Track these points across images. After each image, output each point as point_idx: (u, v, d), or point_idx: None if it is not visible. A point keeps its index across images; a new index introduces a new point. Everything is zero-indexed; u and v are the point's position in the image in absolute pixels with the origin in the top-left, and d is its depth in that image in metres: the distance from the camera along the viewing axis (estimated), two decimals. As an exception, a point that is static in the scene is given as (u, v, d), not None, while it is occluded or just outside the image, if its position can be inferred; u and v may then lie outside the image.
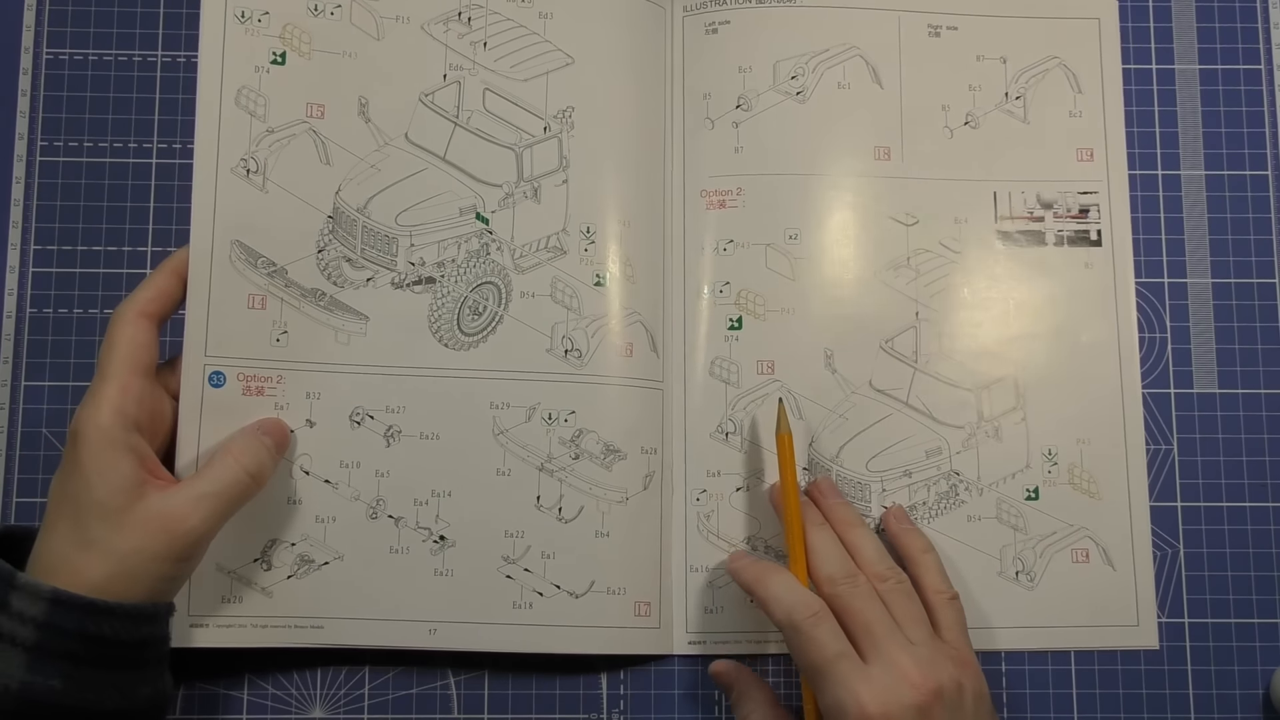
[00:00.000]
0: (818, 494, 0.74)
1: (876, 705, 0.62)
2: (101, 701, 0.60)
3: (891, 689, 0.62)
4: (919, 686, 0.63)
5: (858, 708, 0.62)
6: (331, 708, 0.74)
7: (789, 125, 0.79)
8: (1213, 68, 0.82)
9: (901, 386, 0.77)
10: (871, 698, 0.62)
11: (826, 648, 0.64)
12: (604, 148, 0.77)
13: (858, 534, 0.72)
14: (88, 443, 0.61)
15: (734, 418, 0.76)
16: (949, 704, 0.64)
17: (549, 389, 0.74)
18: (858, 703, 0.62)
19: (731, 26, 0.79)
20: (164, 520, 0.61)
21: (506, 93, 0.76)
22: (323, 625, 0.72)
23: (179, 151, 0.79)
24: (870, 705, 0.62)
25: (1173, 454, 0.78)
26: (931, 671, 0.64)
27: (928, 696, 0.63)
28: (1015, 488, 0.77)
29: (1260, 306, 0.80)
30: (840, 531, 0.72)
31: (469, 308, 0.74)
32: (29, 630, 0.58)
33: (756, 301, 0.77)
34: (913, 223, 0.78)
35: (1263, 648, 0.77)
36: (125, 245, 0.78)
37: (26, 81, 0.79)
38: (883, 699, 0.62)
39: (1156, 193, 0.81)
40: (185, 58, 0.80)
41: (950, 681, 0.64)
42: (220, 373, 0.70)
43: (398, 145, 0.74)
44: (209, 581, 0.71)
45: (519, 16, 0.77)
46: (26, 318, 0.77)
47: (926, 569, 0.72)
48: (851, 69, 0.79)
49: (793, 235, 0.77)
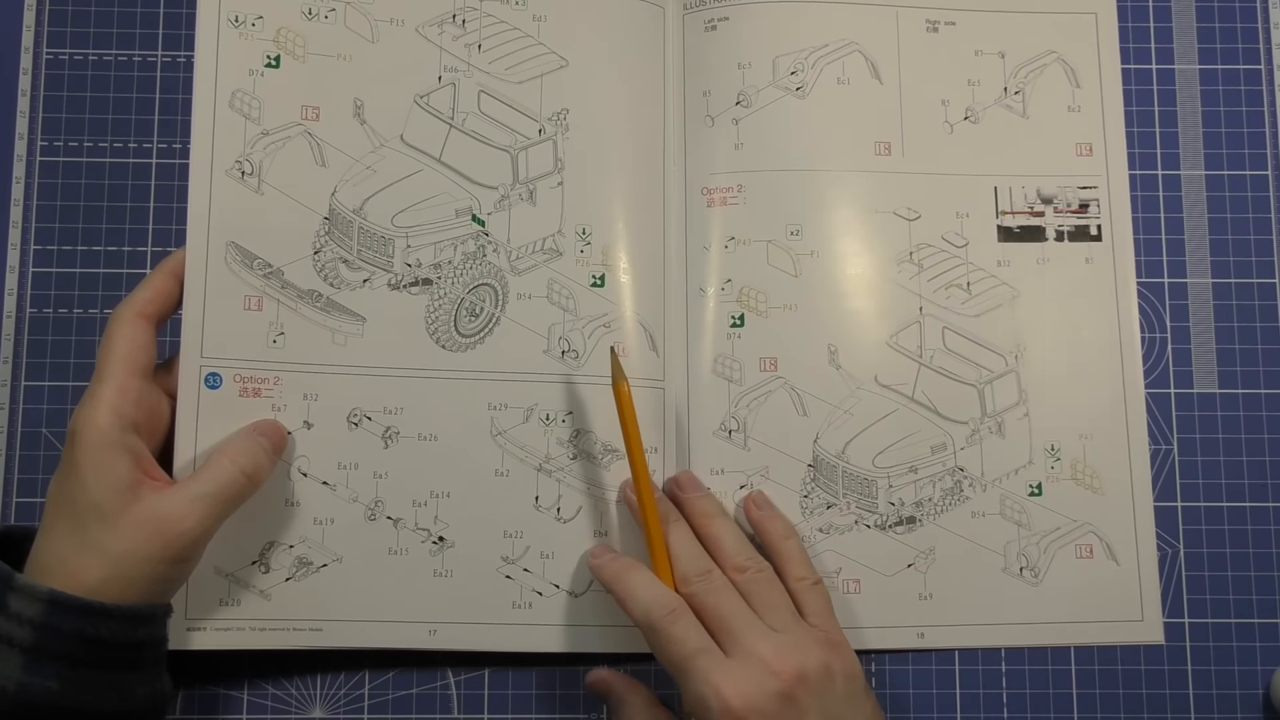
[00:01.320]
0: (677, 489, 0.74)
1: (738, 696, 0.61)
2: (99, 703, 0.60)
3: (752, 679, 0.62)
4: (780, 673, 0.62)
5: (719, 701, 0.61)
6: (331, 708, 0.74)
7: (789, 121, 0.78)
8: (1213, 68, 0.82)
9: (907, 382, 0.77)
10: (732, 689, 0.61)
11: (685, 644, 0.63)
12: (599, 149, 0.77)
13: (718, 525, 0.71)
14: (85, 443, 0.61)
15: (737, 416, 0.76)
16: (815, 687, 0.63)
17: (546, 390, 0.74)
18: (719, 696, 0.61)
19: (730, 23, 0.79)
20: (159, 522, 0.61)
21: (501, 95, 0.76)
22: (322, 628, 0.72)
23: (179, 151, 0.79)
24: (732, 697, 0.61)
25: (1173, 454, 0.78)
26: (793, 656, 0.63)
27: (790, 682, 0.62)
28: (1019, 484, 0.77)
29: (1260, 306, 0.80)
30: (700, 524, 0.71)
31: (466, 309, 0.74)
32: (26, 631, 0.58)
33: (759, 298, 0.77)
34: (915, 217, 0.78)
35: (1263, 648, 0.77)
36: (125, 245, 0.78)
37: (26, 81, 0.79)
38: (743, 689, 0.61)
39: (1157, 192, 0.81)
40: (185, 58, 0.80)
41: (816, 664, 0.63)
42: (217, 374, 0.70)
43: (393, 147, 0.74)
44: (207, 584, 0.70)
45: (513, 19, 0.77)
46: (26, 318, 0.77)
47: (788, 557, 0.71)
48: (851, 64, 0.79)
49: (794, 231, 0.77)
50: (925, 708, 0.76)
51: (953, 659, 0.76)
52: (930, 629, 0.75)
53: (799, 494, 0.75)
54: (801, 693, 0.62)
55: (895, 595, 0.75)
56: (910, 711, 0.76)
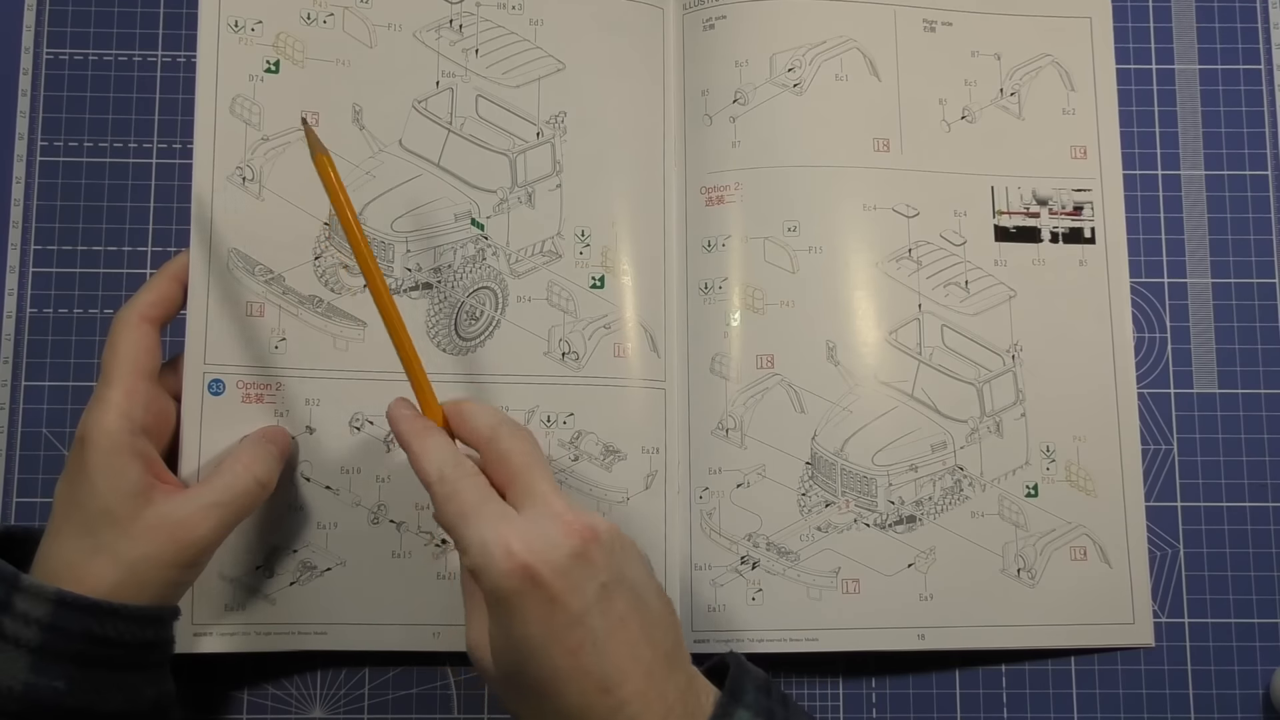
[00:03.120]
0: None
1: (524, 546, 0.55)
2: (105, 703, 0.60)
3: (543, 532, 0.56)
4: (570, 525, 0.57)
5: (503, 550, 0.55)
6: (331, 708, 0.74)
7: (787, 117, 0.78)
8: (1213, 68, 0.82)
9: (907, 379, 0.77)
10: (519, 539, 0.56)
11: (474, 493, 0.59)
12: (597, 151, 0.77)
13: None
14: (95, 448, 0.61)
15: (733, 414, 0.76)
16: (607, 545, 0.58)
17: (547, 392, 0.74)
18: (503, 544, 0.55)
19: (728, 21, 0.79)
20: (173, 528, 0.61)
21: (499, 99, 0.76)
22: (326, 631, 0.72)
23: (179, 152, 0.79)
24: (518, 547, 0.55)
25: (1173, 454, 0.79)
26: (586, 514, 0.58)
27: (581, 534, 0.57)
28: (1016, 484, 0.77)
29: (1260, 306, 0.80)
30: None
31: (466, 312, 0.74)
32: (33, 632, 0.58)
33: (755, 295, 0.77)
34: (913, 214, 0.78)
35: (1263, 648, 0.77)
36: (125, 245, 0.78)
37: (26, 81, 0.79)
38: (531, 541, 0.56)
39: (1156, 192, 0.81)
40: (185, 58, 0.80)
41: (607, 525, 0.59)
42: (220, 380, 0.70)
43: (392, 152, 0.74)
44: (212, 589, 0.71)
45: (510, 23, 0.77)
46: (26, 318, 0.77)
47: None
48: (849, 61, 0.79)
49: (791, 228, 0.77)
50: (925, 707, 0.76)
51: (952, 659, 0.76)
52: (931, 630, 0.75)
53: (797, 492, 0.75)
54: (593, 547, 0.57)
55: (895, 595, 0.75)
56: (910, 711, 0.76)
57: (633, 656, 0.57)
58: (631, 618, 0.57)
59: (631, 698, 0.56)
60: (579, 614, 0.55)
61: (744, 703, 0.58)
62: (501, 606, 0.56)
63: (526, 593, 0.55)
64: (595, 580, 0.56)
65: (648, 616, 0.58)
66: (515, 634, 0.56)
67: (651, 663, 0.57)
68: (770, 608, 0.74)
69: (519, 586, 0.55)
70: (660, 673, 0.57)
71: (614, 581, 0.57)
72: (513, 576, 0.55)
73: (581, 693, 0.56)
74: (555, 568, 0.55)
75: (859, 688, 0.77)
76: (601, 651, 0.56)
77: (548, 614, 0.55)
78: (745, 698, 0.59)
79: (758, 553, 0.74)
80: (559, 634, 0.55)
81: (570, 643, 0.55)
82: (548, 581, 0.55)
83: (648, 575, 0.61)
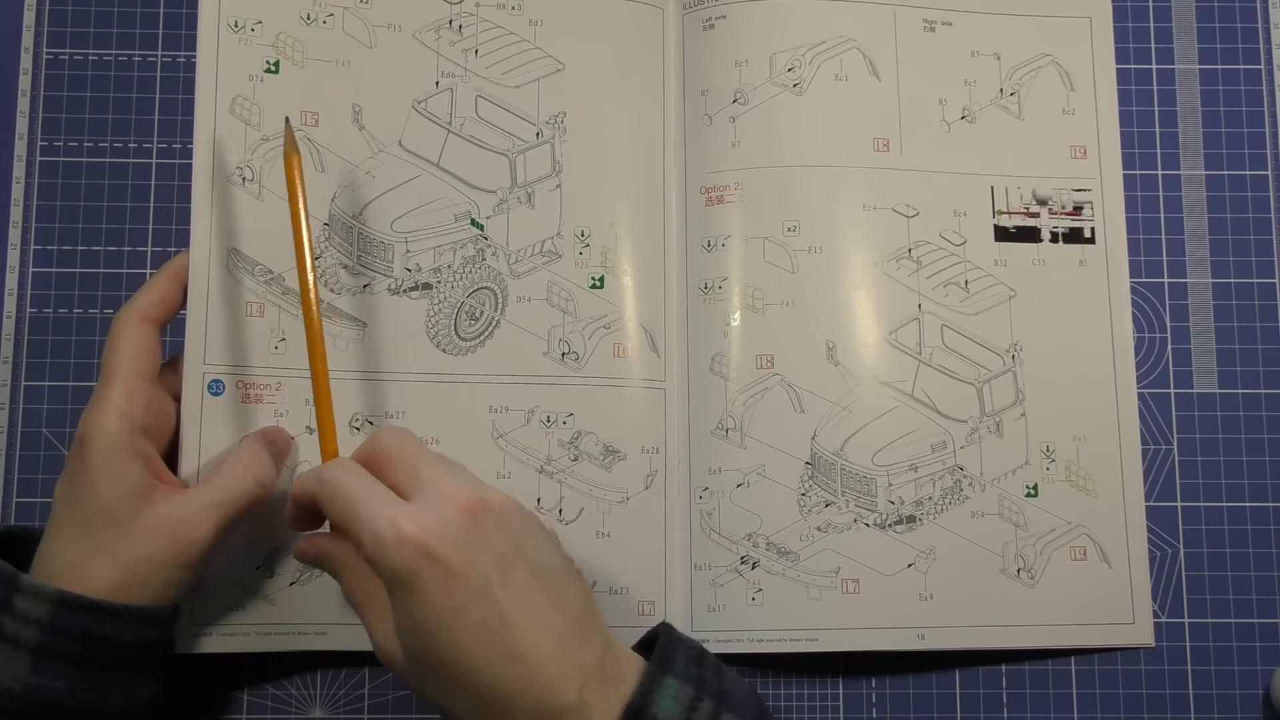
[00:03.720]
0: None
1: (414, 523, 0.55)
2: (105, 703, 0.60)
3: (432, 509, 0.56)
4: (461, 499, 0.57)
5: (393, 532, 0.55)
6: (331, 708, 0.74)
7: (786, 117, 0.78)
8: (1213, 68, 0.82)
9: (906, 379, 0.77)
10: (408, 519, 0.55)
11: (357, 486, 0.58)
12: (597, 151, 0.77)
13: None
14: (96, 448, 0.61)
15: (733, 414, 0.76)
16: (499, 514, 0.58)
17: (547, 392, 0.74)
18: (393, 526, 0.55)
19: (728, 21, 0.79)
20: (173, 528, 0.62)
21: (499, 99, 0.76)
22: (326, 631, 0.72)
23: (179, 152, 0.79)
24: (407, 525, 0.55)
25: (1173, 454, 0.79)
26: (476, 488, 0.59)
27: (472, 506, 0.57)
28: (1016, 484, 0.77)
29: (1260, 306, 0.80)
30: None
31: (466, 313, 0.74)
32: (33, 632, 0.58)
33: (755, 295, 0.77)
34: (913, 214, 0.78)
35: (1263, 648, 0.77)
36: (125, 245, 0.78)
37: (26, 81, 0.79)
38: (421, 519, 0.56)
39: (1156, 192, 0.81)
40: (185, 58, 0.80)
41: (499, 496, 0.59)
42: (219, 381, 0.70)
43: (392, 152, 0.74)
44: (212, 590, 0.71)
45: (509, 24, 0.77)
46: (26, 318, 0.77)
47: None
48: (849, 61, 0.79)
49: (791, 227, 0.77)
50: (925, 707, 0.76)
51: (952, 659, 0.76)
52: (931, 630, 0.75)
53: (797, 492, 0.75)
54: (485, 517, 0.57)
55: (895, 595, 0.75)
56: (910, 711, 0.76)
57: (541, 624, 0.56)
58: (535, 585, 0.57)
59: (544, 665, 0.55)
60: (479, 586, 0.55)
61: (673, 670, 0.57)
62: (401, 590, 0.56)
63: (423, 571, 0.55)
64: (492, 551, 0.56)
65: (552, 582, 0.58)
66: (418, 616, 0.55)
67: (562, 629, 0.57)
68: (770, 608, 0.74)
69: (415, 565, 0.55)
70: (573, 639, 0.57)
71: (512, 551, 0.57)
72: (407, 555, 0.55)
73: (491, 665, 0.55)
74: (449, 542, 0.55)
75: (859, 688, 0.77)
76: (507, 622, 0.55)
77: (447, 590, 0.55)
78: (675, 666, 0.58)
79: (758, 553, 0.74)
80: (461, 609, 0.55)
81: (474, 616, 0.55)
82: (443, 557, 0.55)
83: (550, 544, 0.60)
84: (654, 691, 0.56)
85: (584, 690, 0.55)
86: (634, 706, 0.55)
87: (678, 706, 0.56)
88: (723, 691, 0.58)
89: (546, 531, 0.61)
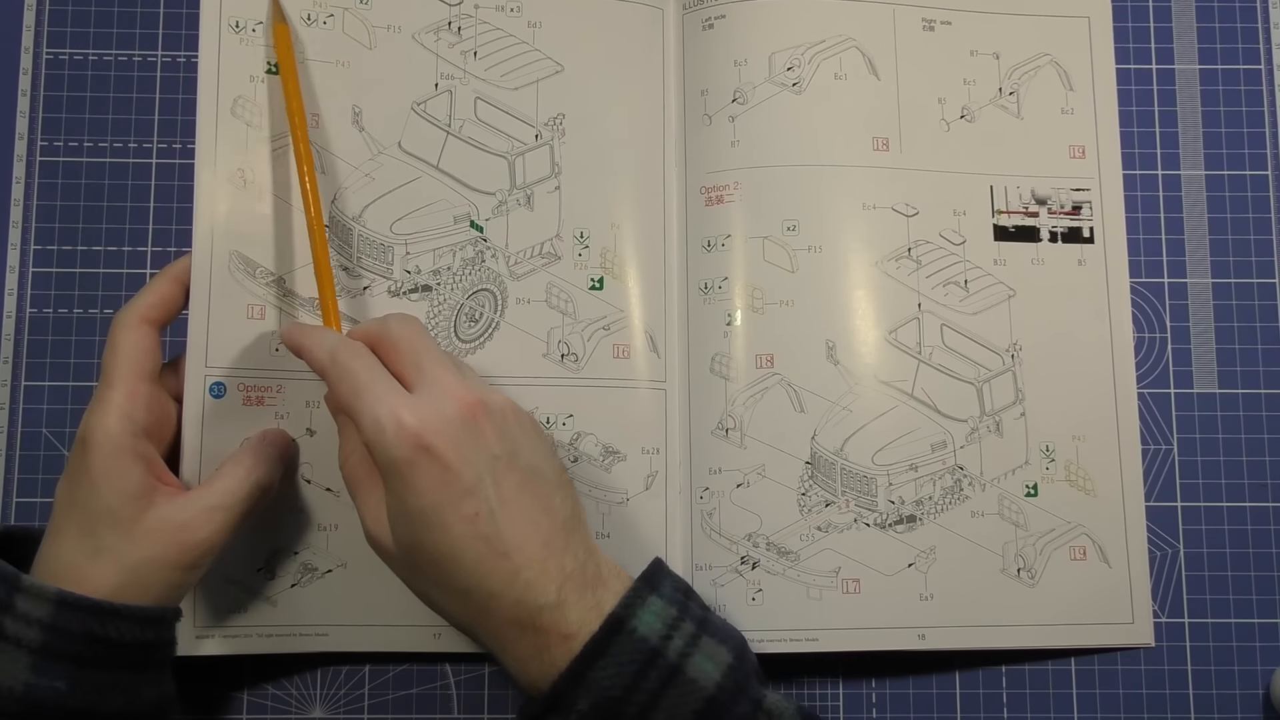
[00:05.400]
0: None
1: (414, 416, 0.58)
2: (106, 704, 0.60)
3: (432, 403, 0.59)
4: (462, 399, 0.59)
5: (393, 421, 0.57)
6: (331, 708, 0.75)
7: (786, 117, 0.78)
8: (1213, 68, 0.82)
9: (907, 379, 0.77)
10: (408, 410, 0.58)
11: (364, 372, 0.61)
12: (596, 153, 0.77)
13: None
14: (97, 450, 0.62)
15: (734, 414, 0.76)
16: (497, 416, 0.60)
17: (547, 393, 0.74)
18: (393, 415, 0.58)
19: (727, 20, 0.79)
20: (176, 531, 0.62)
21: (498, 101, 0.76)
22: (328, 633, 0.72)
23: (179, 152, 0.79)
24: (407, 416, 0.58)
25: (1173, 454, 0.79)
26: (477, 388, 0.61)
27: (473, 407, 0.59)
28: (1015, 484, 0.77)
29: (1260, 306, 0.80)
30: None
31: (465, 314, 0.74)
32: (34, 632, 0.58)
33: (755, 295, 0.76)
34: (913, 214, 0.78)
35: (1263, 648, 0.77)
36: (125, 245, 0.78)
37: (26, 81, 0.79)
38: (420, 412, 0.58)
39: (1156, 192, 0.81)
40: (185, 58, 0.80)
41: (499, 398, 0.62)
42: (221, 383, 0.70)
43: (391, 154, 0.74)
44: (213, 591, 0.71)
45: (508, 26, 0.77)
46: (26, 318, 0.77)
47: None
48: (848, 60, 0.79)
49: (791, 227, 0.77)
50: (925, 707, 0.76)
51: (952, 659, 0.76)
52: (931, 630, 0.75)
53: (797, 492, 0.75)
54: (483, 419, 0.59)
55: (896, 595, 0.75)
56: (910, 711, 0.76)
57: (530, 523, 0.60)
58: (526, 487, 0.60)
59: (528, 563, 0.59)
60: (472, 483, 0.58)
61: (659, 591, 0.61)
62: (396, 478, 0.58)
63: (419, 462, 0.58)
64: (487, 451, 0.59)
65: (543, 487, 0.61)
66: (411, 504, 0.58)
67: (549, 531, 0.60)
68: (770, 608, 0.74)
69: (411, 456, 0.57)
70: (558, 541, 0.60)
71: (507, 453, 0.60)
72: (405, 446, 0.57)
73: (479, 558, 0.58)
74: (446, 438, 0.58)
75: (859, 688, 0.77)
76: (496, 519, 0.59)
77: (441, 482, 0.58)
78: (661, 588, 0.62)
79: (758, 553, 0.74)
80: (454, 501, 0.58)
81: (466, 510, 0.58)
82: (440, 451, 0.58)
83: (545, 448, 0.63)
84: (637, 606, 0.60)
85: (563, 590, 0.59)
86: (615, 617, 0.59)
87: (659, 623, 0.59)
88: (704, 619, 0.61)
89: (543, 437, 0.64)
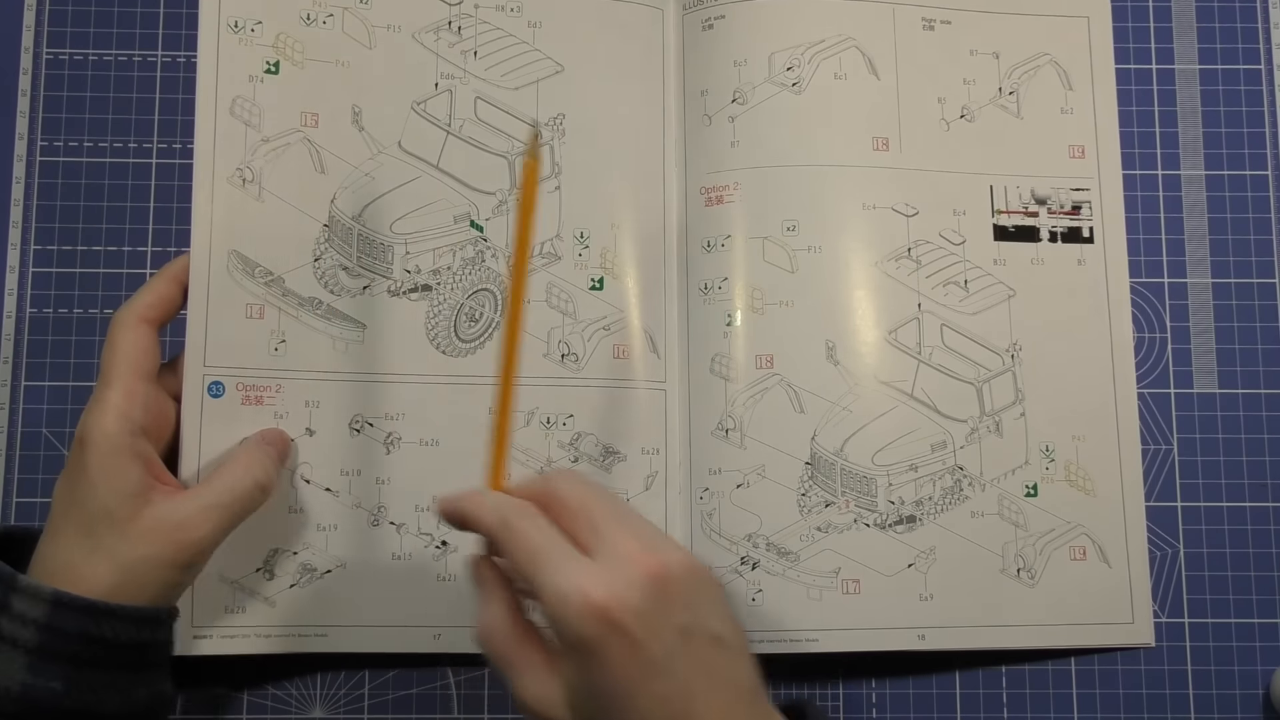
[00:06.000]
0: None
1: (602, 589, 0.53)
2: (103, 704, 0.60)
3: (617, 573, 0.54)
4: (646, 566, 0.54)
5: (581, 596, 0.53)
6: (331, 708, 0.75)
7: (785, 117, 0.78)
8: (1213, 68, 0.82)
9: (907, 379, 0.76)
10: (594, 583, 0.53)
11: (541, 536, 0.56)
12: (596, 153, 0.77)
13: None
14: (95, 449, 0.61)
15: (733, 414, 0.75)
16: (681, 582, 0.56)
17: (547, 393, 0.74)
18: (581, 591, 0.53)
19: (727, 21, 0.79)
20: (172, 530, 0.61)
21: (498, 101, 0.76)
22: (327, 633, 0.72)
23: (179, 152, 0.79)
24: (594, 591, 0.53)
25: (1172, 454, 0.79)
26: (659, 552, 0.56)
27: (656, 573, 0.54)
28: (1015, 484, 0.77)
29: (1260, 306, 0.80)
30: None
31: (465, 314, 0.74)
32: (30, 632, 0.58)
33: (755, 295, 0.76)
34: (912, 214, 0.78)
35: (1263, 648, 0.77)
36: (125, 245, 0.78)
37: (26, 81, 0.79)
38: (608, 583, 0.54)
39: (1156, 192, 0.81)
40: (185, 58, 0.80)
41: (680, 559, 0.57)
42: (220, 383, 0.70)
43: (391, 154, 0.74)
44: (213, 591, 0.71)
45: (508, 25, 0.77)
46: (26, 318, 0.77)
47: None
48: (848, 60, 0.79)
49: (790, 227, 0.77)
50: (925, 708, 0.76)
51: (952, 659, 0.76)
52: (931, 630, 0.75)
53: (796, 492, 0.75)
54: (670, 585, 0.55)
55: (896, 596, 0.75)
56: (910, 711, 0.76)
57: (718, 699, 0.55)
58: (714, 659, 0.56)
59: None
60: (662, 660, 0.54)
61: None
62: (582, 655, 0.54)
63: (607, 640, 0.53)
64: (674, 622, 0.55)
65: (729, 655, 0.57)
66: (599, 684, 0.54)
67: (734, 704, 0.56)
68: (770, 608, 0.74)
69: (599, 634, 0.53)
70: (741, 714, 0.56)
71: (694, 622, 0.56)
72: (593, 622, 0.53)
73: None
74: (634, 611, 0.54)
75: (859, 688, 0.77)
76: (689, 696, 0.54)
77: (631, 660, 0.53)
78: None
79: (758, 553, 0.74)
80: (645, 681, 0.54)
81: (657, 690, 0.54)
82: (628, 626, 0.53)
83: (726, 610, 0.59)
84: None
85: None
86: None
87: None
88: None
89: (722, 594, 0.60)
